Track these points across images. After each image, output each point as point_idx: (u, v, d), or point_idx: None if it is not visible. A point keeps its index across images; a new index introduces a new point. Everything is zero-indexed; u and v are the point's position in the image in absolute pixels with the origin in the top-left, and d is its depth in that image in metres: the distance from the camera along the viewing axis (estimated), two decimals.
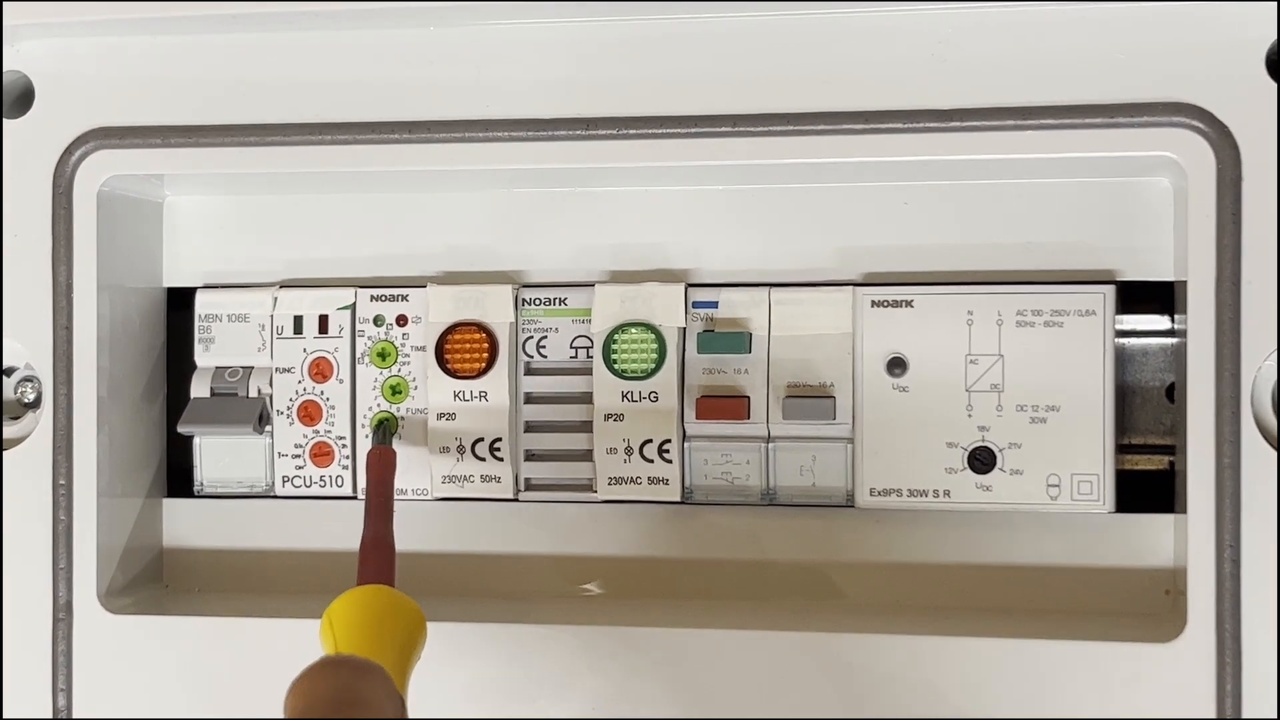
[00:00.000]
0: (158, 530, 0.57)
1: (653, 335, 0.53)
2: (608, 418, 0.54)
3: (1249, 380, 0.47)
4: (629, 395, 0.53)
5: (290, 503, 0.56)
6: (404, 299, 0.56)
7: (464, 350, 0.55)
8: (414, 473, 0.55)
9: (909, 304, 0.52)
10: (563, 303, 0.55)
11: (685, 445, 0.54)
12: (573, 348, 0.55)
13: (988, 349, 0.51)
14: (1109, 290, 0.51)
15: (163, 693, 0.53)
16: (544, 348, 0.55)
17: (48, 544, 0.53)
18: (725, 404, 0.53)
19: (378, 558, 0.48)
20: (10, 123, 0.54)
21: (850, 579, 0.53)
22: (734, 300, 0.53)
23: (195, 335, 0.57)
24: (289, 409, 0.56)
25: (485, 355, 0.54)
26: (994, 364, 0.51)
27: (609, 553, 0.55)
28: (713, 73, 0.50)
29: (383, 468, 0.52)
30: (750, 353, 0.53)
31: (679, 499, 0.54)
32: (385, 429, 0.55)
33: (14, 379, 0.56)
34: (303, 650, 0.52)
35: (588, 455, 0.54)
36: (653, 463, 0.53)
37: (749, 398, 0.53)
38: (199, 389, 0.56)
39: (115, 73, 0.54)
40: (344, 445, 0.56)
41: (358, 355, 0.56)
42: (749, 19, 0.50)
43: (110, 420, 0.54)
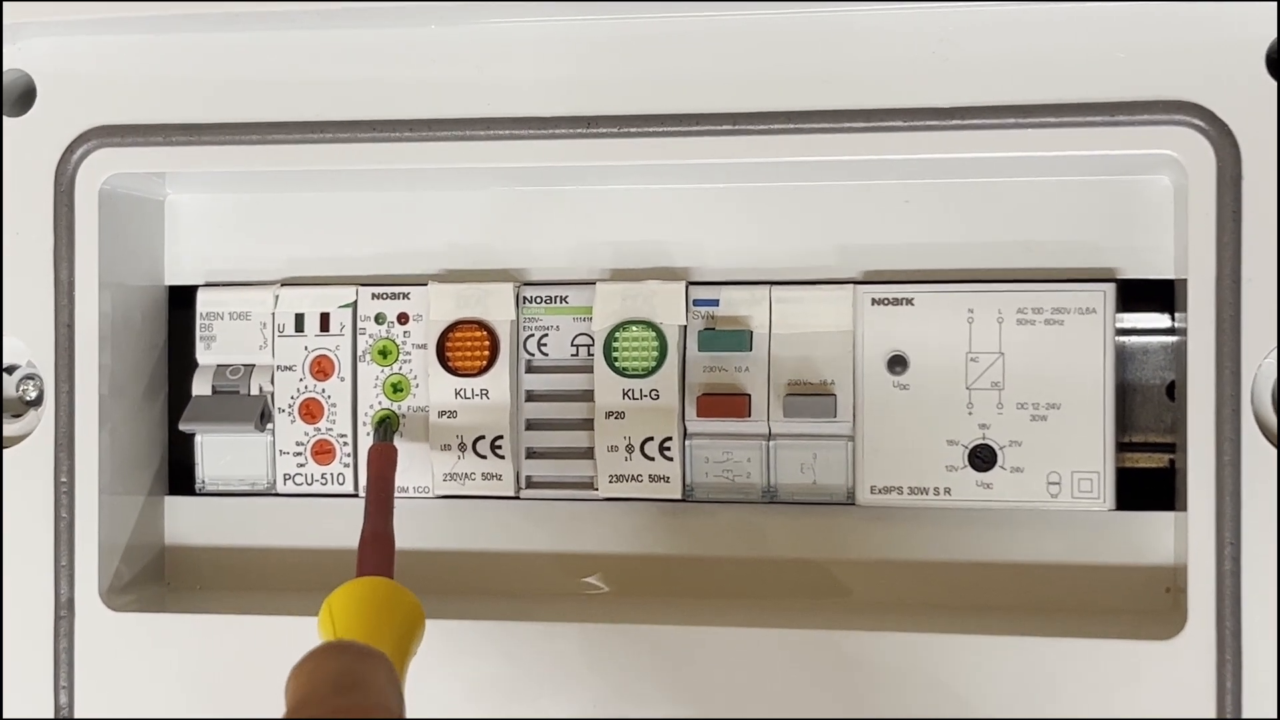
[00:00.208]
0: (159, 528, 0.57)
1: (654, 333, 0.53)
2: (609, 415, 0.54)
3: (1249, 378, 0.47)
4: (630, 393, 0.53)
5: (291, 500, 0.57)
6: (405, 297, 0.56)
7: (465, 348, 0.55)
8: (415, 470, 0.55)
9: (910, 302, 0.52)
10: (564, 300, 0.55)
11: (686, 443, 0.54)
12: (574, 345, 0.55)
13: (988, 347, 0.51)
14: (1109, 288, 0.51)
15: (164, 690, 0.53)
16: (545, 345, 0.55)
17: (49, 541, 0.54)
18: (726, 402, 0.53)
19: (377, 551, 0.48)
20: (12, 121, 0.54)
21: (851, 577, 0.53)
22: (735, 298, 0.53)
23: (197, 333, 0.57)
24: (290, 407, 0.56)
25: (486, 353, 0.54)
26: (994, 362, 0.51)
27: (610, 550, 0.55)
28: (713, 71, 0.50)
29: (383, 463, 0.52)
30: (751, 350, 0.53)
31: (680, 497, 0.54)
32: (386, 426, 0.55)
33: (16, 377, 0.56)
34: (303, 647, 0.52)
35: (589, 453, 0.54)
36: (654, 460, 0.53)
37: (750, 395, 0.53)
38: (200, 387, 0.57)
39: (117, 71, 0.54)
40: (345, 443, 0.56)
41: (359, 353, 0.56)
42: (749, 18, 0.50)
43: (112, 418, 0.54)
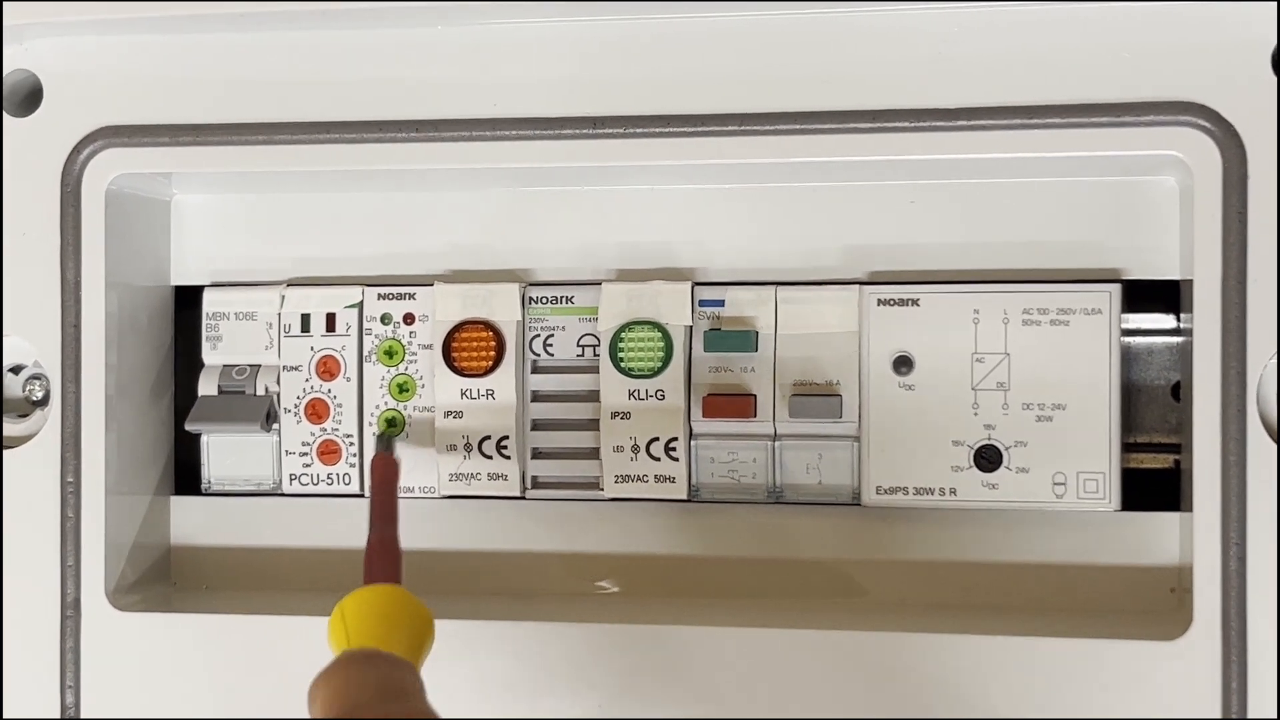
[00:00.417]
0: (165, 528, 0.57)
1: (659, 333, 0.53)
2: (614, 416, 0.54)
3: (1254, 378, 0.47)
4: (635, 393, 0.53)
5: (297, 500, 0.57)
6: (411, 297, 0.56)
7: (471, 348, 0.55)
8: (421, 471, 0.55)
9: (915, 302, 0.52)
10: (569, 301, 0.55)
11: (692, 443, 0.54)
12: (579, 346, 0.55)
13: (994, 347, 0.51)
14: (1115, 289, 0.51)
15: (170, 690, 0.53)
16: (551, 346, 0.55)
17: (56, 541, 0.54)
18: (732, 402, 0.53)
19: (385, 559, 0.48)
20: (19, 121, 0.54)
21: (856, 577, 0.53)
22: (740, 299, 0.53)
23: (203, 333, 0.57)
24: (296, 407, 0.56)
25: (492, 353, 0.54)
26: (1000, 362, 0.51)
27: (615, 551, 0.55)
28: (719, 72, 0.50)
29: (387, 470, 0.52)
30: (757, 351, 0.53)
31: (685, 497, 0.54)
32: (388, 440, 0.55)
33: (22, 376, 0.56)
34: (309, 647, 0.52)
35: (594, 453, 0.54)
36: (659, 461, 0.53)
37: (755, 396, 0.53)
38: (206, 387, 0.57)
39: (123, 71, 0.54)
40: (351, 443, 0.56)
41: (365, 353, 0.56)
42: (755, 18, 0.50)
43: (118, 418, 0.54)
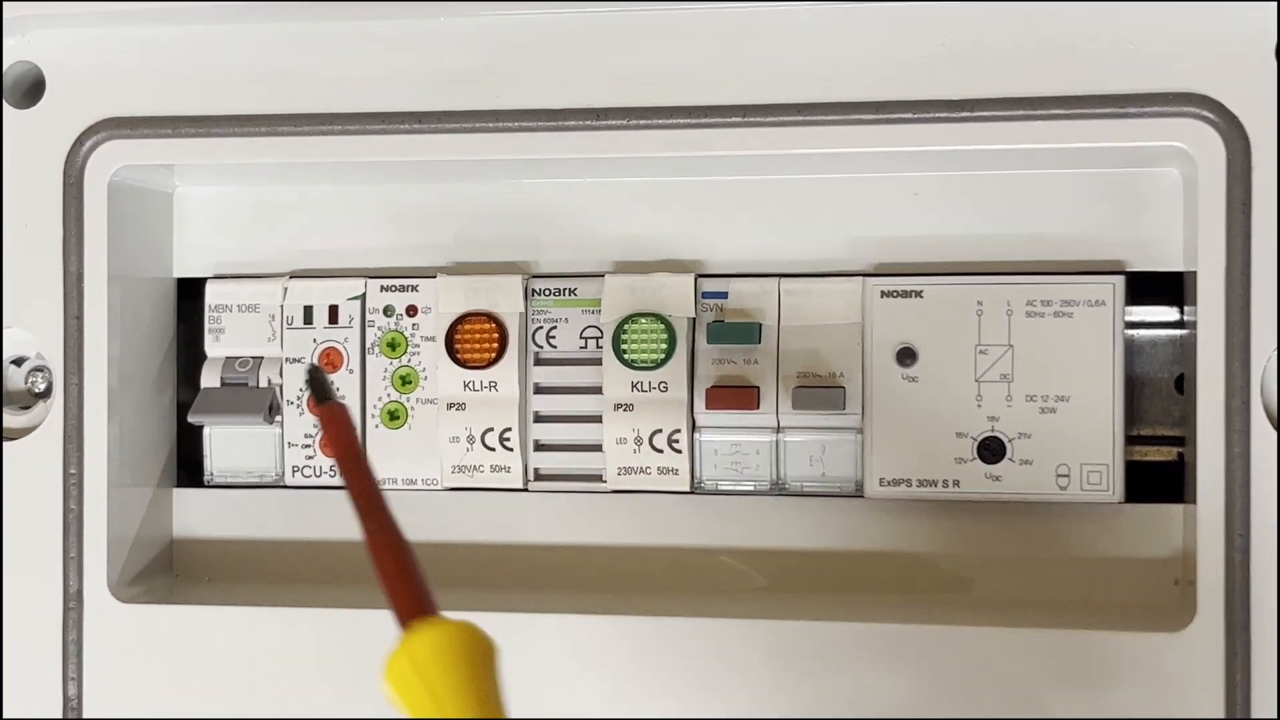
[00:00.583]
0: (168, 520, 0.57)
1: (662, 325, 0.53)
2: (617, 408, 0.54)
3: (1258, 370, 0.47)
4: (639, 385, 0.53)
5: (300, 493, 0.56)
6: (414, 289, 0.56)
7: (474, 340, 0.55)
8: (424, 463, 0.55)
9: (919, 294, 0.52)
10: (572, 293, 0.55)
11: (695, 435, 0.54)
12: (582, 338, 0.55)
13: (997, 339, 0.51)
14: (1118, 280, 0.51)
15: (173, 682, 0.53)
16: (554, 338, 0.55)
17: (58, 533, 0.54)
18: (735, 394, 0.53)
19: (406, 569, 0.36)
20: (21, 113, 0.54)
21: (859, 568, 0.53)
22: (744, 290, 0.53)
23: (205, 325, 0.57)
24: (299, 399, 0.56)
25: (495, 345, 0.54)
26: (1003, 354, 0.51)
27: (618, 543, 0.55)
28: (723, 63, 0.50)
29: (344, 429, 0.39)
30: (760, 343, 0.53)
31: (689, 489, 0.54)
32: (320, 378, 0.42)
33: (25, 369, 0.56)
34: (312, 639, 0.52)
35: (597, 446, 0.54)
36: (662, 453, 0.53)
37: (758, 388, 0.53)
38: (209, 379, 0.57)
39: (126, 63, 0.54)
40: None
41: (368, 345, 0.56)
42: (759, 10, 0.50)
43: (121, 410, 0.54)
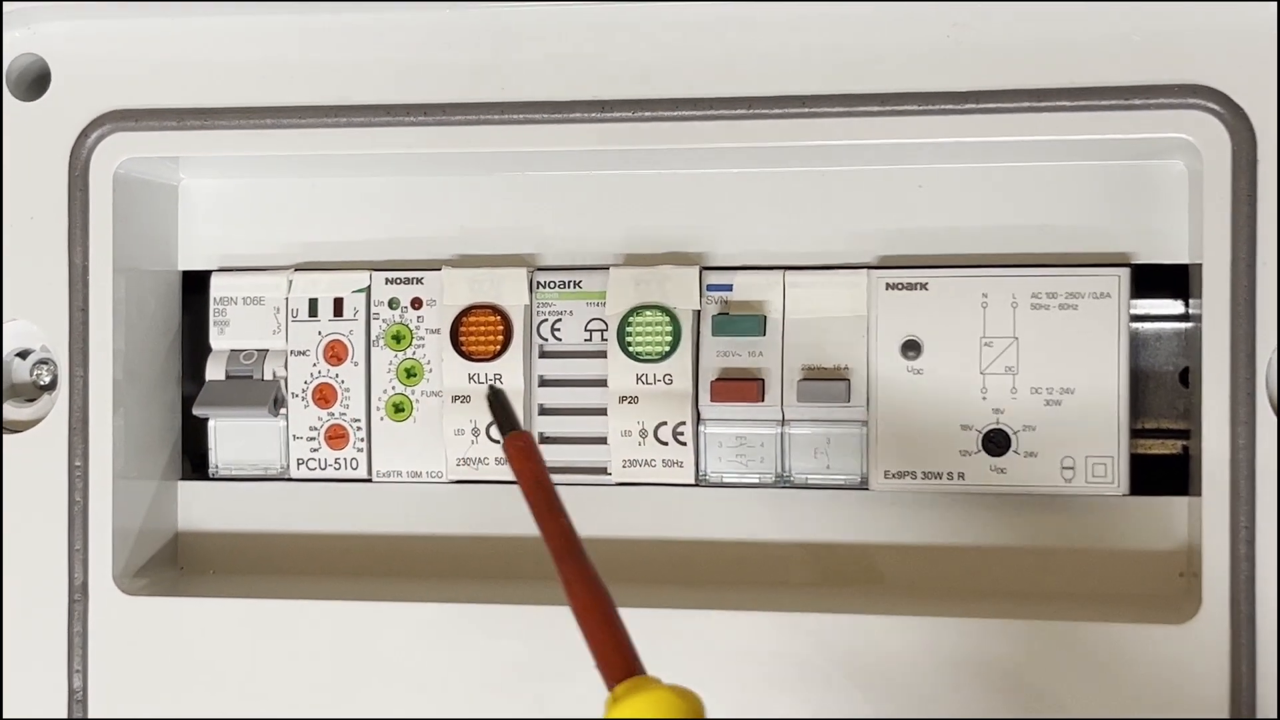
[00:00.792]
0: (173, 512, 0.57)
1: (667, 318, 0.53)
2: (622, 400, 0.54)
3: (1263, 363, 0.47)
4: (643, 378, 0.53)
5: (305, 485, 0.56)
6: (419, 282, 0.56)
7: (479, 333, 0.55)
8: (429, 456, 0.55)
9: (924, 286, 0.52)
10: (577, 285, 0.55)
11: (700, 428, 0.54)
12: (587, 331, 0.55)
13: (1002, 331, 0.51)
14: (1124, 273, 0.51)
15: (178, 674, 0.53)
16: (558, 330, 0.55)
17: (64, 525, 0.54)
18: (740, 386, 0.53)
19: (607, 625, 0.36)
20: (26, 106, 0.54)
21: (864, 561, 0.53)
22: (749, 283, 0.53)
23: (210, 318, 0.57)
24: (304, 392, 0.56)
25: (500, 338, 0.54)
26: (1008, 346, 0.51)
27: (623, 535, 0.55)
28: (727, 55, 0.50)
29: (531, 461, 0.40)
30: (765, 335, 0.53)
31: (693, 482, 0.54)
32: (504, 400, 0.42)
33: (30, 361, 0.56)
34: (316, 631, 0.52)
35: (602, 438, 0.54)
36: (667, 445, 0.53)
37: (763, 380, 0.53)
38: (214, 372, 0.57)
39: (131, 55, 0.54)
40: (359, 428, 0.56)
41: (373, 338, 0.56)
42: (763, 2, 0.50)
43: (126, 403, 0.54)
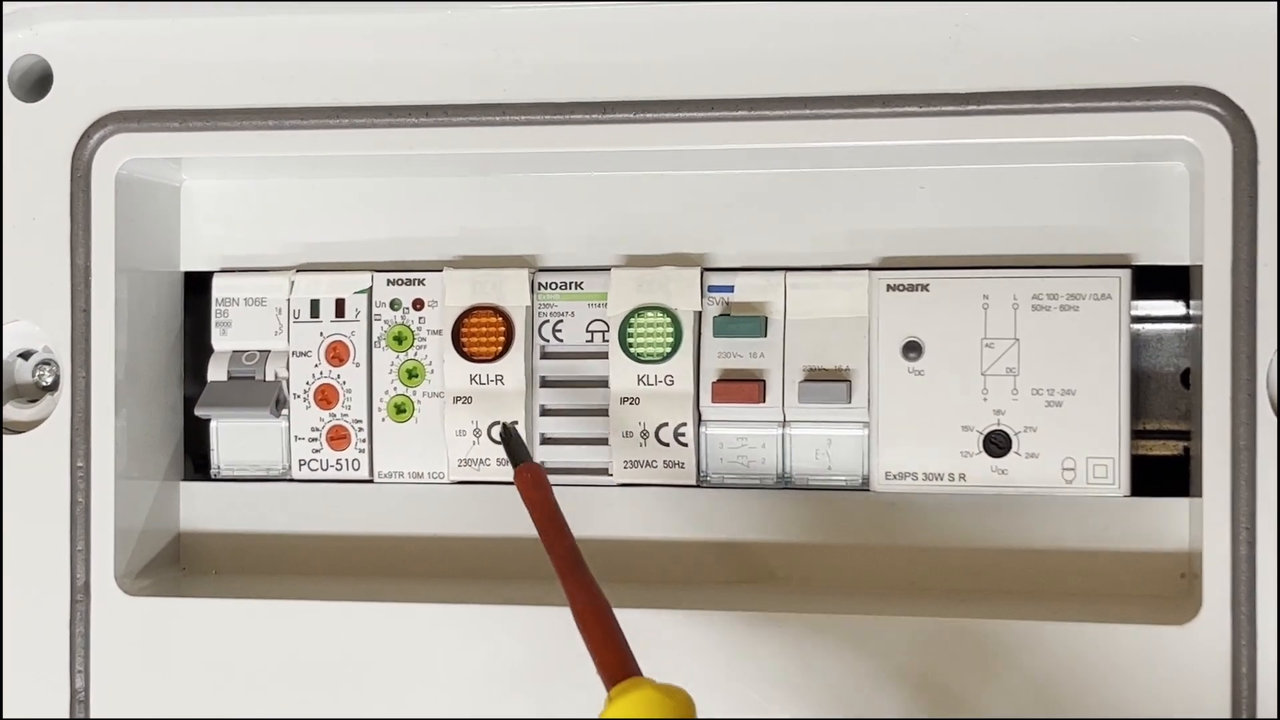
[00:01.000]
0: (175, 513, 0.57)
1: (669, 319, 0.53)
2: (623, 401, 0.54)
3: (1264, 364, 0.47)
4: (645, 379, 0.53)
5: (306, 486, 0.57)
6: (420, 283, 0.56)
7: (480, 334, 0.55)
8: (430, 456, 0.55)
9: (925, 288, 0.52)
10: (579, 286, 0.55)
11: (701, 429, 0.54)
12: (589, 331, 0.55)
13: (1003, 332, 0.51)
14: (1125, 274, 0.51)
15: (180, 675, 0.53)
16: (560, 331, 0.55)
17: (66, 526, 0.54)
18: (741, 387, 0.53)
19: (605, 631, 0.42)
20: (29, 106, 0.54)
21: (865, 562, 0.53)
22: (750, 284, 0.54)
23: (212, 319, 0.57)
24: (305, 392, 0.56)
25: (501, 339, 0.55)
26: (1010, 347, 0.51)
27: (624, 536, 0.55)
28: (729, 57, 0.50)
29: (540, 490, 0.46)
30: (766, 336, 0.53)
31: (694, 483, 0.54)
32: (515, 436, 0.50)
33: (32, 362, 0.56)
34: (318, 632, 0.52)
35: (603, 439, 0.54)
36: (668, 446, 0.53)
37: (764, 381, 0.53)
38: (216, 373, 0.57)
39: (133, 56, 0.54)
40: (360, 429, 0.56)
41: (374, 339, 0.56)
42: (765, 3, 0.50)
43: (128, 403, 0.54)
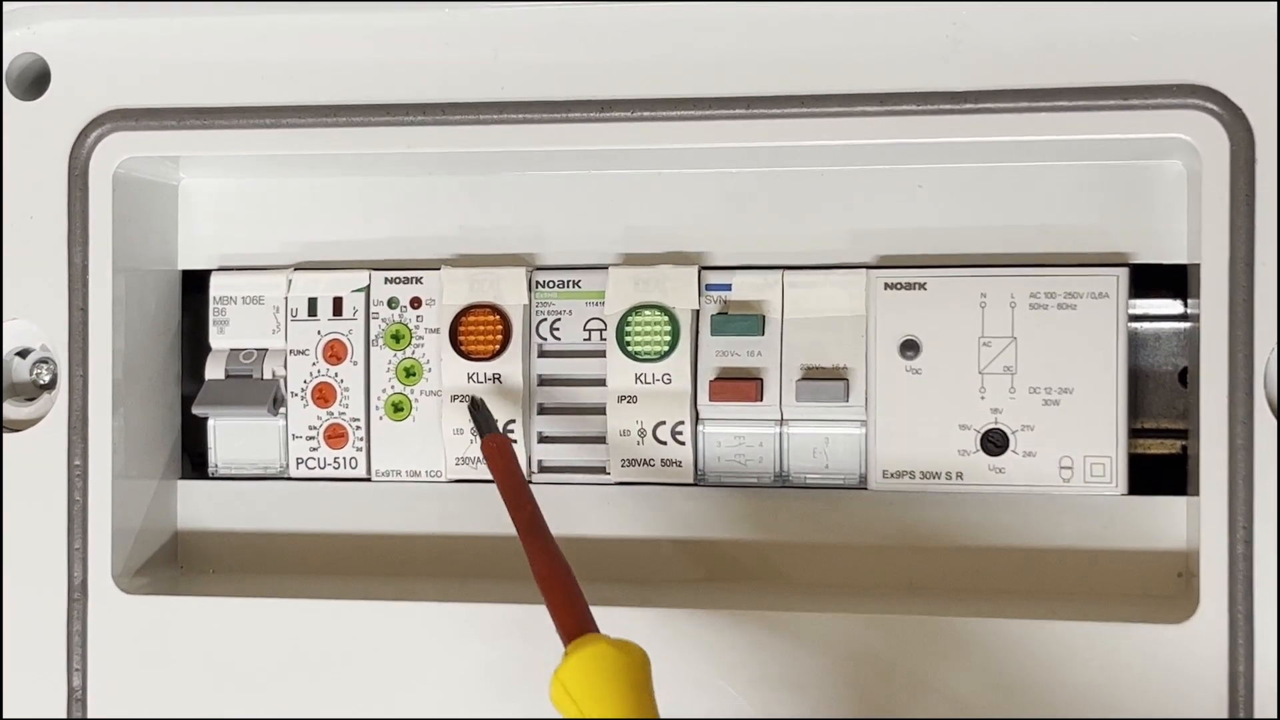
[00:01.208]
0: (172, 511, 0.57)
1: (666, 317, 0.53)
2: (621, 400, 0.54)
3: (1261, 363, 0.47)
4: (642, 377, 0.53)
5: (304, 484, 0.57)
6: (418, 281, 0.56)
7: (478, 332, 0.55)
8: (428, 455, 0.55)
9: (922, 286, 0.52)
10: (576, 285, 0.55)
11: (698, 427, 0.54)
12: (586, 330, 0.55)
13: (1001, 331, 0.51)
14: (1122, 273, 0.51)
15: (177, 673, 0.53)
16: (557, 330, 0.55)
17: (63, 525, 0.54)
18: (738, 386, 0.53)
19: (564, 592, 0.44)
20: (26, 105, 0.54)
21: (862, 561, 0.53)
22: (747, 283, 0.54)
23: (210, 317, 0.57)
24: (303, 391, 0.56)
25: (499, 337, 0.54)
26: (1007, 346, 0.51)
27: (621, 535, 0.55)
28: (727, 55, 0.50)
29: (505, 458, 0.48)
30: (763, 335, 0.53)
31: (692, 481, 0.54)
32: (484, 407, 0.52)
33: (29, 360, 0.56)
34: (315, 631, 0.52)
35: (601, 438, 0.54)
36: (666, 445, 0.53)
37: (762, 380, 0.53)
38: (213, 371, 0.57)
39: (131, 55, 0.54)
40: (358, 427, 0.56)
41: (372, 337, 0.56)
42: (765, 2, 0.50)
43: (125, 402, 0.54)
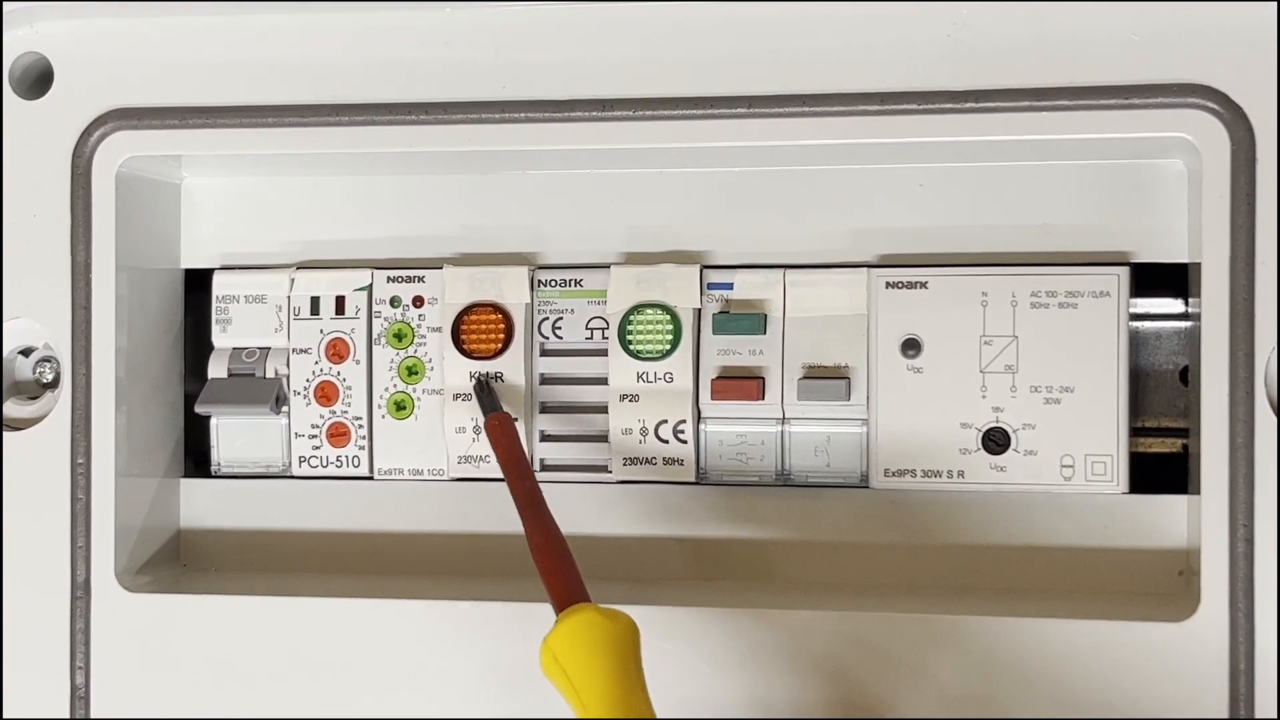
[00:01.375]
0: (175, 510, 0.58)
1: (668, 316, 0.54)
2: (623, 399, 0.54)
3: (1262, 361, 0.47)
4: (644, 376, 0.54)
5: (306, 483, 0.57)
6: (420, 280, 0.56)
7: (480, 331, 0.55)
8: (430, 453, 0.55)
9: (924, 285, 0.52)
10: (578, 284, 0.55)
11: (700, 426, 0.54)
12: (588, 329, 0.55)
13: (1002, 330, 0.51)
14: (1123, 272, 0.51)
15: (180, 671, 0.53)
16: (560, 329, 0.55)
17: (66, 523, 0.54)
18: (740, 385, 0.53)
19: (557, 561, 0.45)
20: (29, 104, 0.54)
21: (864, 559, 0.53)
22: (749, 282, 0.54)
23: (212, 316, 0.57)
24: (305, 390, 0.56)
25: (501, 336, 0.55)
26: (1008, 345, 0.51)
27: (623, 533, 0.55)
28: (728, 54, 0.50)
29: (507, 435, 0.49)
30: (765, 334, 0.53)
31: (694, 480, 0.54)
32: (489, 387, 0.53)
33: (32, 359, 0.56)
34: (318, 629, 0.53)
35: (603, 436, 0.54)
36: (668, 443, 0.54)
37: (764, 379, 0.53)
38: (216, 370, 0.57)
39: (134, 54, 0.54)
40: (360, 426, 0.56)
41: (374, 336, 0.56)
42: (764, 1, 0.50)
43: (128, 400, 0.55)
